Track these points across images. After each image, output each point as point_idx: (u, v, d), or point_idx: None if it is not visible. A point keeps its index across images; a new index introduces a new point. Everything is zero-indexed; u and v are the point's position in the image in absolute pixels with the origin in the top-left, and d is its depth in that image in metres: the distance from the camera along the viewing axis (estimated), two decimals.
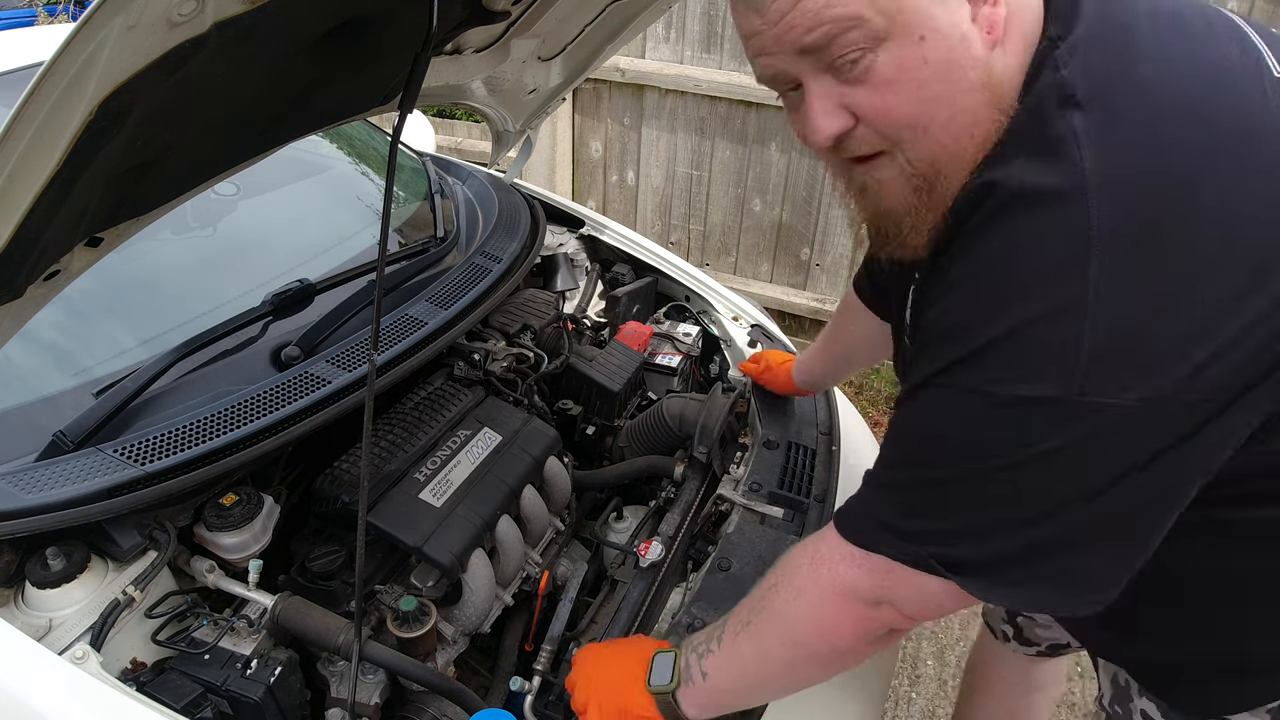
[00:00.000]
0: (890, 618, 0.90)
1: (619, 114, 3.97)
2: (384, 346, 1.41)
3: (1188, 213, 0.68)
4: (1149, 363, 0.68)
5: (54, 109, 0.67)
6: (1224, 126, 0.71)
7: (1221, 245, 0.68)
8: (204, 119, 0.91)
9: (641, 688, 1.05)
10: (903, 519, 0.84)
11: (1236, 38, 0.78)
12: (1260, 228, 0.69)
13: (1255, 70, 0.75)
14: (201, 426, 1.19)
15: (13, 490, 1.06)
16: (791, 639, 0.95)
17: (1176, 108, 0.71)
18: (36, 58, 1.73)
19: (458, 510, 1.30)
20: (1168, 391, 0.68)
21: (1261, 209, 0.69)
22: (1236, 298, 0.68)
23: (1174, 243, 0.68)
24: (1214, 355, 0.68)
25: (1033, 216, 0.71)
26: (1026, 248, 0.72)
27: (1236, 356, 0.68)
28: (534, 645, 1.35)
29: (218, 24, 0.72)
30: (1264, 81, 0.74)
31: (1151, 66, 0.73)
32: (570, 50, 1.81)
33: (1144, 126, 0.71)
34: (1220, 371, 0.68)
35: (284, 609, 1.14)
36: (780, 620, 0.96)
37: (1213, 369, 0.68)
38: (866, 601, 0.89)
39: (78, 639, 1.05)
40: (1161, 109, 0.71)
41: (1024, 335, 0.71)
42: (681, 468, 1.57)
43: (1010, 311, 0.71)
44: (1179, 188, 0.69)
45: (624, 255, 2.16)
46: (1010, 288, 0.72)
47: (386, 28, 1.03)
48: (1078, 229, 0.69)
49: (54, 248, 0.90)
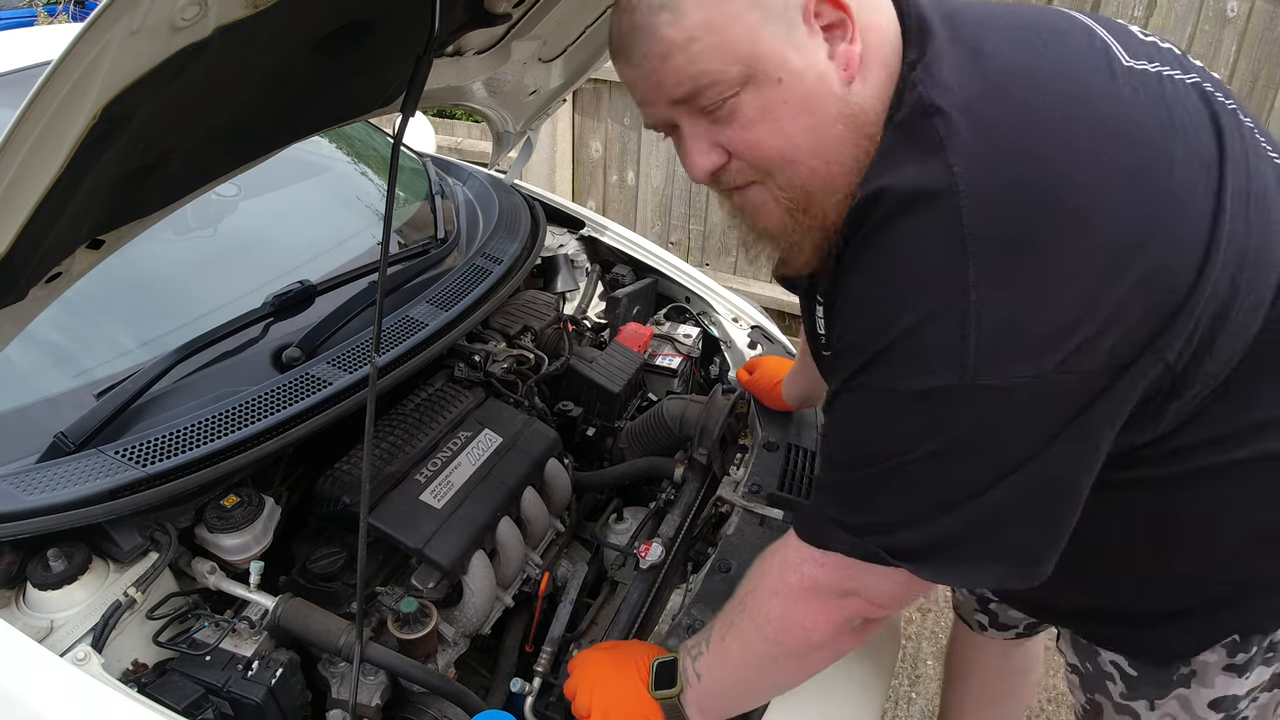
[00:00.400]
0: (860, 607, 0.93)
1: (619, 114, 3.97)
2: (384, 348, 1.41)
3: (1051, 211, 0.75)
4: (1031, 349, 0.75)
5: (57, 114, 0.67)
6: (1078, 126, 0.77)
7: (1084, 239, 0.74)
8: (206, 122, 0.91)
9: (646, 694, 1.06)
10: (848, 515, 0.89)
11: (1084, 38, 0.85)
12: (1118, 220, 0.75)
13: (1105, 64, 0.82)
14: (203, 428, 1.20)
15: (14, 491, 1.06)
16: (771, 637, 0.99)
17: (1031, 112, 0.77)
18: (36, 58, 1.72)
19: (458, 512, 1.30)
20: (1050, 370, 0.75)
21: (1120, 202, 0.75)
22: (1103, 285, 0.74)
23: (1041, 240, 0.74)
24: (1090, 338, 0.75)
25: (911, 222, 0.78)
26: (908, 254, 0.78)
27: (1109, 338, 0.75)
28: (534, 646, 1.36)
29: (220, 28, 0.72)
30: (1114, 73, 0.81)
31: (1005, 77, 0.80)
32: (571, 52, 1.81)
33: (1002, 133, 0.77)
34: (1096, 351, 0.75)
35: (285, 610, 1.14)
36: (758, 622, 1.00)
37: (1089, 350, 0.75)
38: (834, 594, 0.94)
39: (79, 640, 1.05)
40: (1016, 114, 0.77)
41: (917, 336, 0.77)
42: (681, 469, 1.57)
43: (903, 316, 0.78)
44: (1041, 189, 0.75)
45: (624, 256, 2.16)
46: (900, 293, 0.79)
47: (388, 30, 1.03)
48: (952, 232, 0.75)
49: (56, 251, 0.90)
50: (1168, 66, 0.86)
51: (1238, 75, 3.08)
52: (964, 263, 0.74)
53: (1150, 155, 0.78)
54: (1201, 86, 0.87)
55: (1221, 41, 3.05)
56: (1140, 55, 0.85)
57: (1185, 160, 0.79)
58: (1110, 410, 0.80)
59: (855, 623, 0.96)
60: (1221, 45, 3.05)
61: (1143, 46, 0.88)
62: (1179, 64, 0.88)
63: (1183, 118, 0.81)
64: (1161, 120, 0.80)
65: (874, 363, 0.81)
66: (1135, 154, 0.77)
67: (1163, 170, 0.78)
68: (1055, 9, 0.92)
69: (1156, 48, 0.89)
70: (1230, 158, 0.81)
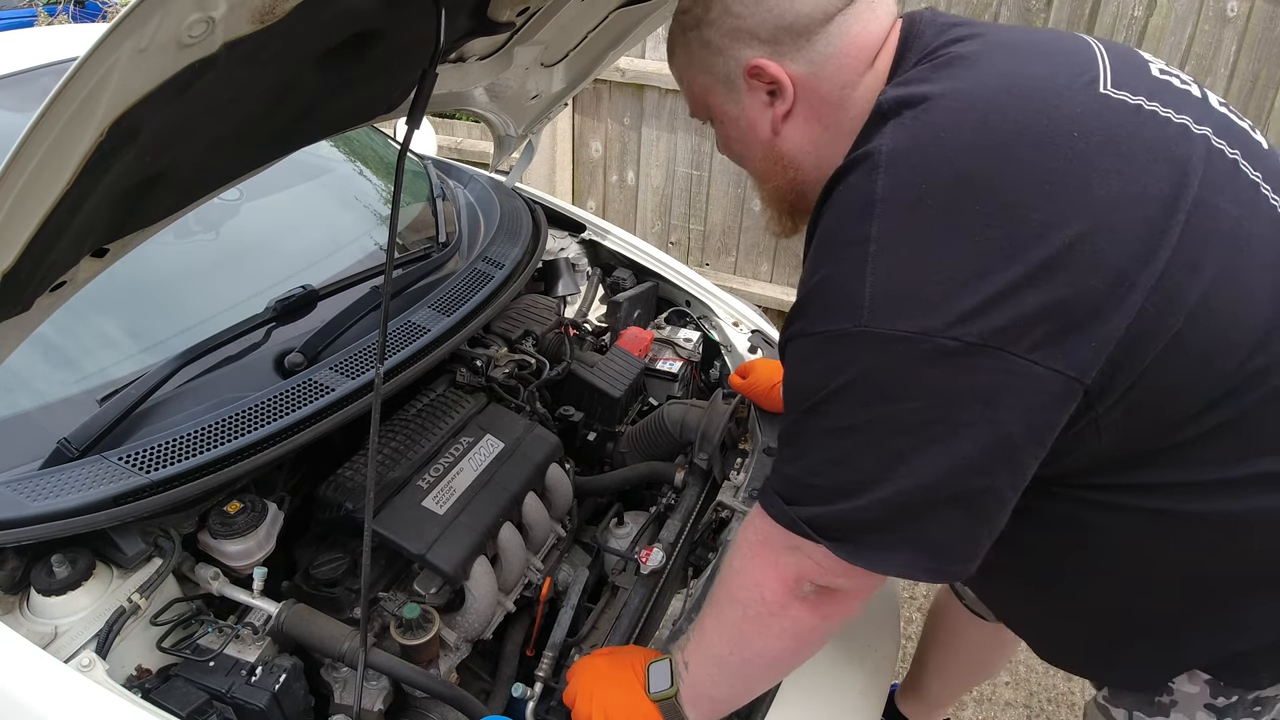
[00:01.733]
0: (807, 568, 0.95)
1: (619, 114, 3.97)
2: (387, 353, 1.41)
3: (954, 192, 0.82)
4: (918, 305, 0.81)
5: (65, 130, 0.68)
6: (1008, 129, 0.84)
7: (982, 216, 0.81)
8: (212, 133, 0.92)
9: (644, 697, 1.07)
10: (787, 480, 0.95)
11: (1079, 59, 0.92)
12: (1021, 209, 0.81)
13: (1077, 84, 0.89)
14: (206, 434, 1.20)
15: (17, 498, 1.07)
16: (732, 595, 1.04)
17: (970, 112, 0.86)
18: (37, 58, 1.72)
19: (460, 518, 1.31)
20: (937, 329, 0.80)
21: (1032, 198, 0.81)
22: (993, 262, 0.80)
23: (938, 212, 0.82)
24: (977, 308, 0.80)
25: (842, 191, 0.90)
26: (834, 215, 0.91)
27: (999, 318, 0.79)
28: (535, 651, 1.36)
29: (228, 44, 0.73)
30: (1078, 94, 0.88)
31: (963, 83, 0.89)
32: (573, 56, 1.82)
33: (937, 127, 0.86)
34: (985, 325, 0.80)
35: (288, 616, 1.15)
36: (723, 580, 1.06)
37: (978, 320, 0.80)
38: (782, 549, 0.97)
39: (83, 646, 1.05)
40: (956, 113, 0.87)
41: (826, 283, 0.88)
42: (682, 474, 1.57)
43: (821, 267, 0.89)
44: (951, 172, 0.83)
45: (625, 260, 2.16)
46: (823, 246, 0.91)
47: (392, 40, 1.03)
48: (866, 196, 0.86)
49: (62, 261, 0.90)
50: (1161, 105, 0.90)
51: (1238, 75, 3.08)
52: (870, 221, 0.84)
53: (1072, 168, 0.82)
54: (1208, 140, 0.89)
55: (1221, 41, 3.05)
56: (1126, 87, 0.90)
57: (1114, 182, 0.82)
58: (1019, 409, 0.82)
59: (806, 587, 0.97)
60: (1221, 45, 3.05)
61: (1144, 81, 0.92)
62: (1184, 107, 0.91)
63: (1136, 148, 0.85)
64: (1103, 143, 0.84)
65: (797, 308, 0.92)
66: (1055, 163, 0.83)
67: (1078, 181, 0.82)
68: (1075, 34, 0.99)
69: (1166, 86, 0.93)
70: (1197, 203, 0.84)
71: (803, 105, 1.02)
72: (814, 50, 0.99)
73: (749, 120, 1.06)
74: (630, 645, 1.26)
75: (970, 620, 1.77)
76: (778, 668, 1.08)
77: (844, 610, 1.00)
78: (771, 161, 1.09)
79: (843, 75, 1.00)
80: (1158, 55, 3.23)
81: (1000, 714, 2.42)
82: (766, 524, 0.98)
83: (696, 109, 1.14)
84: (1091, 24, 3.18)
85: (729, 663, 1.05)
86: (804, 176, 1.07)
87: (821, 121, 1.03)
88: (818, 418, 0.90)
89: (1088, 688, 2.47)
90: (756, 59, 1.00)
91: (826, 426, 0.89)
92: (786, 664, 1.07)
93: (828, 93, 1.01)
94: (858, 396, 0.86)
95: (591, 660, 1.16)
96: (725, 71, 1.04)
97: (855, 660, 1.44)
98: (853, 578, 0.95)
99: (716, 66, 1.04)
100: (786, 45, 0.99)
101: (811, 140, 1.04)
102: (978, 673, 2.01)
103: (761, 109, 1.04)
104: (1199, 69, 3.11)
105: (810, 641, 1.03)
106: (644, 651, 1.17)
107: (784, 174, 1.09)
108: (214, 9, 0.67)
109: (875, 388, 0.85)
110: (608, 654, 1.18)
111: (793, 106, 1.02)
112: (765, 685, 1.12)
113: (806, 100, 1.02)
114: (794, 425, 0.95)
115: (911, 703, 2.08)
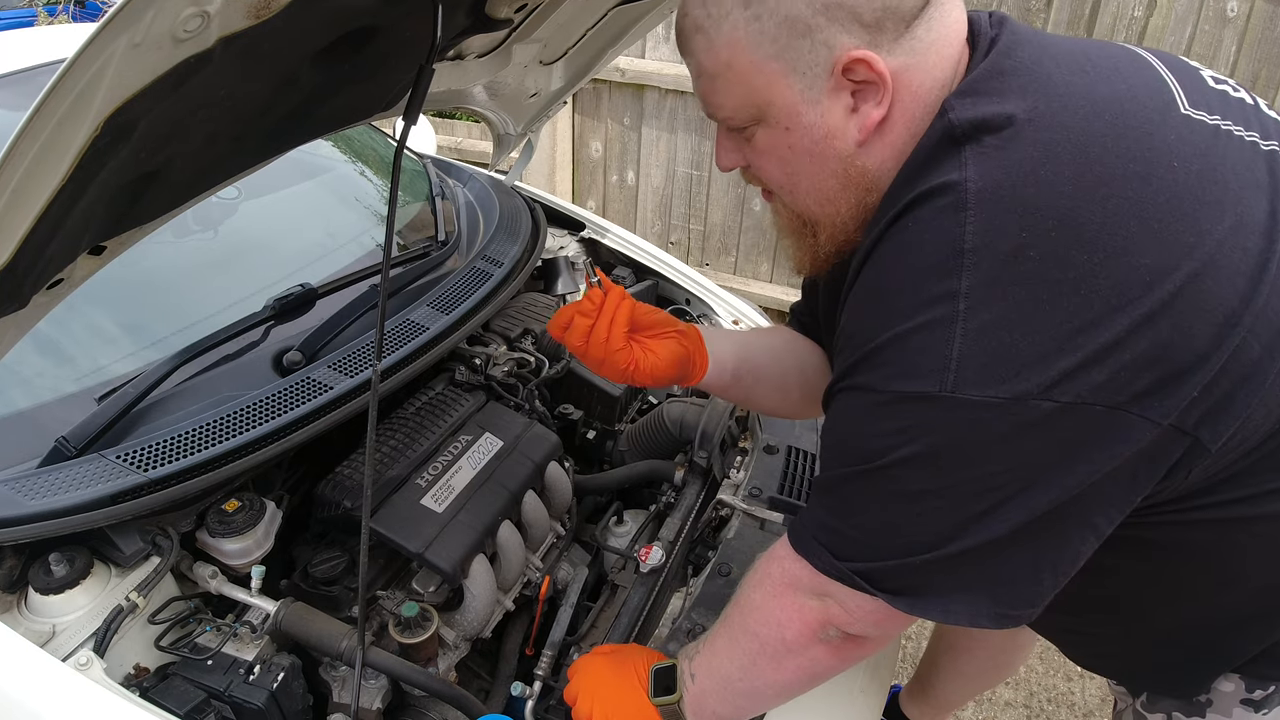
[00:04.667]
0: (836, 615, 0.92)
1: (619, 114, 3.97)
2: (385, 352, 1.41)
3: (1059, 239, 0.74)
4: (1013, 366, 0.74)
5: (60, 125, 0.67)
6: (1111, 164, 0.76)
7: (1082, 268, 0.73)
8: (208, 130, 0.91)
9: (645, 700, 1.06)
10: (834, 535, 0.89)
11: (1147, 76, 0.84)
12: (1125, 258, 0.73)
13: (1161, 107, 0.81)
14: (204, 432, 1.20)
15: (15, 496, 1.07)
16: (750, 629, 1.00)
17: (1066, 144, 0.77)
18: (36, 58, 1.72)
19: (459, 516, 1.31)
20: (1032, 393, 0.73)
21: (1131, 243, 0.74)
22: (1098, 318, 0.73)
23: (1041, 263, 0.74)
24: (1077, 366, 0.73)
25: (915, 230, 0.80)
26: (909, 260, 0.80)
27: (1100, 374, 0.73)
28: (535, 650, 1.36)
29: (223, 39, 0.72)
30: (1167, 118, 0.80)
31: (1047, 104, 0.79)
32: (572, 54, 1.81)
33: (1034, 162, 0.76)
34: (1085, 383, 0.73)
35: (287, 615, 1.15)
36: (743, 610, 1.02)
37: (1077, 378, 0.73)
38: (810, 594, 0.93)
39: (81, 645, 1.05)
40: (1051, 145, 0.77)
41: (905, 339, 0.78)
42: (682, 472, 1.57)
43: (896, 319, 0.79)
44: (1055, 216, 0.74)
45: (625, 258, 2.16)
46: (896, 295, 0.80)
47: (389, 37, 1.03)
48: (954, 243, 0.76)
49: (58, 258, 0.90)
50: (1232, 122, 0.84)
51: (1238, 75, 3.08)
52: (959, 274, 0.75)
53: (1178, 205, 0.75)
54: (1274, 154, 0.84)
55: (1221, 41, 3.05)
56: (1201, 105, 0.83)
57: (1216, 216, 0.76)
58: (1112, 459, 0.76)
59: (830, 632, 0.94)
60: (1221, 45, 3.05)
61: (1207, 95, 0.85)
62: (1248, 121, 0.85)
63: (1227, 175, 0.79)
64: (1201, 172, 0.77)
65: (864, 361, 0.82)
66: (1161, 199, 0.75)
67: (1188, 221, 0.75)
68: (1123, 46, 0.90)
69: (1224, 98, 0.87)
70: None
71: (898, 110, 0.84)
72: (914, 38, 0.82)
73: (827, 128, 0.85)
74: (633, 644, 1.25)
75: None
76: (786, 696, 1.06)
77: (865, 654, 0.98)
78: (845, 181, 0.89)
79: (941, 71, 0.84)
80: None
81: (1000, 714, 2.41)
82: (797, 567, 0.93)
83: (736, 108, 0.89)
84: (1091, 24, 3.18)
85: (738, 686, 1.04)
86: (876, 200, 0.89)
87: (911, 130, 0.85)
88: (882, 480, 0.82)
89: (1088, 688, 2.46)
90: (858, 50, 0.80)
91: (892, 490, 0.82)
92: (797, 693, 1.05)
93: (925, 95, 0.84)
94: (934, 463, 0.79)
95: (592, 659, 1.15)
96: (811, 61, 0.82)
97: None
98: (884, 626, 0.91)
99: (798, 53, 0.82)
100: (889, 32, 0.81)
101: (897, 155, 0.86)
102: (992, 676, 1.97)
103: (844, 113, 0.85)
104: None
105: (824, 678, 1.01)
106: (646, 651, 1.16)
107: (858, 197, 0.90)
108: (209, 3, 0.67)
109: (956, 456, 0.78)
110: (608, 653, 1.17)
111: (889, 112, 0.84)
112: (772, 708, 1.11)
113: (902, 104, 0.84)
114: (846, 482, 0.87)
115: (919, 705, 2.04)
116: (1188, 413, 0.75)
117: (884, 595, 0.86)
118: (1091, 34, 3.19)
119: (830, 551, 0.89)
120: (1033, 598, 0.84)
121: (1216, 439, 0.78)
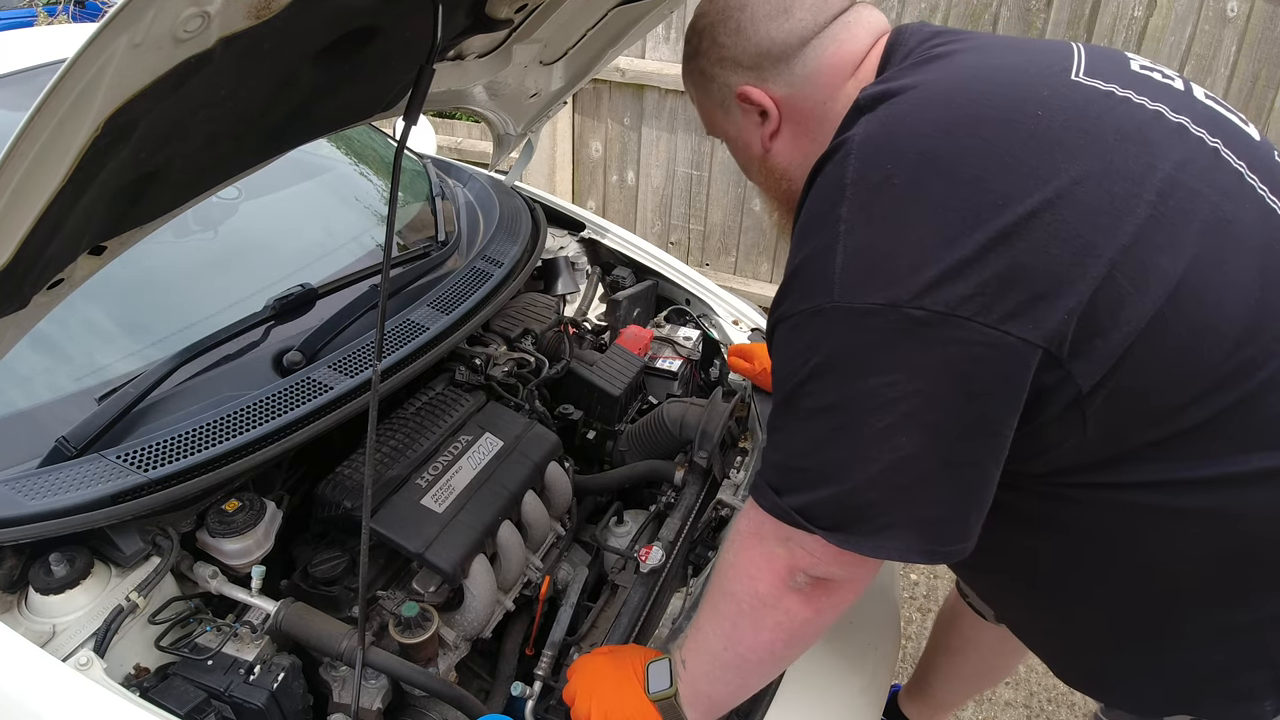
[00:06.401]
0: (801, 559, 0.95)
1: (619, 114, 3.97)
2: (386, 352, 1.41)
3: (919, 169, 0.86)
4: (886, 275, 0.84)
5: (60, 126, 0.67)
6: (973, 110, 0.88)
7: (942, 188, 0.84)
8: (208, 130, 0.92)
9: (643, 696, 1.06)
10: (777, 471, 0.96)
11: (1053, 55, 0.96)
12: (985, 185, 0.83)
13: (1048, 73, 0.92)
14: (204, 433, 1.20)
15: (15, 496, 1.07)
16: (725, 590, 1.04)
17: (938, 98, 0.91)
18: (36, 58, 1.72)
19: (459, 516, 1.31)
20: (904, 299, 0.82)
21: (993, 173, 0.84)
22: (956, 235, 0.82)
23: (904, 189, 0.86)
24: (941, 276, 0.82)
25: (818, 181, 0.94)
26: (810, 203, 0.94)
27: (964, 285, 0.81)
28: (535, 650, 1.36)
29: (223, 39, 0.73)
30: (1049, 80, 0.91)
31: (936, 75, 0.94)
32: (572, 54, 1.81)
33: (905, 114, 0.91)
34: (951, 294, 0.81)
35: (287, 615, 1.15)
36: (719, 574, 1.06)
37: (944, 288, 0.82)
38: (775, 540, 0.97)
39: (81, 645, 1.05)
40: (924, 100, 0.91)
41: (803, 266, 0.91)
42: (682, 472, 1.57)
43: (799, 252, 0.93)
44: (916, 151, 0.87)
45: (624, 258, 2.16)
46: (799, 234, 0.94)
47: (389, 37, 1.03)
48: (838, 181, 0.90)
49: (59, 258, 0.90)
50: (1140, 95, 0.92)
51: (1238, 75, 3.08)
52: (841, 203, 0.88)
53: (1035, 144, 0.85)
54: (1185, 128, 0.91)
55: (1221, 41, 3.05)
56: (1100, 77, 0.92)
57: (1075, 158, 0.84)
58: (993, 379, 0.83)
59: (799, 579, 0.96)
60: (1221, 45, 3.05)
61: (1120, 74, 0.94)
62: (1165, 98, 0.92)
63: (1103, 129, 0.87)
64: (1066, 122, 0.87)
65: (781, 293, 0.95)
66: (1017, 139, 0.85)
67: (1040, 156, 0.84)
68: (1060, 42, 1.01)
69: (1142, 79, 0.95)
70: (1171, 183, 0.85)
71: (788, 123, 1.11)
72: (792, 73, 1.07)
73: (744, 140, 1.17)
74: (630, 644, 1.26)
75: (983, 627, 1.75)
76: (772, 663, 1.07)
77: (839, 602, 0.99)
78: (767, 174, 1.19)
79: (821, 91, 1.07)
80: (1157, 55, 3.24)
81: (1000, 714, 2.41)
82: (759, 516, 0.98)
83: (709, 129, 1.25)
84: (1091, 24, 3.18)
85: (724, 658, 1.05)
86: (798, 186, 1.09)
87: (808, 134, 1.10)
88: (800, 399, 0.91)
89: None
90: (743, 85, 1.10)
91: (808, 407, 0.90)
92: (781, 659, 1.06)
93: (810, 109, 1.09)
94: (834, 373, 0.88)
95: (591, 659, 1.16)
96: (720, 97, 1.15)
97: (855, 660, 1.44)
98: (846, 566, 0.94)
99: (712, 93, 1.15)
100: (768, 70, 1.08)
101: (800, 152, 1.12)
102: (989, 677, 1.99)
103: (753, 129, 1.14)
104: (1199, 69, 3.11)
105: (804, 636, 1.02)
106: (644, 650, 1.16)
107: (779, 185, 1.18)
108: (209, 3, 0.67)
109: (850, 363, 0.87)
110: (607, 652, 1.18)
111: (779, 125, 1.12)
112: (761, 682, 1.11)
113: (791, 117, 1.10)
114: (779, 410, 0.96)
115: (917, 704, 2.06)
116: (1058, 340, 0.82)
117: (821, 532, 0.90)
118: (1091, 34, 3.19)
119: (773, 489, 0.95)
120: (959, 534, 0.90)
121: (1090, 375, 0.83)
